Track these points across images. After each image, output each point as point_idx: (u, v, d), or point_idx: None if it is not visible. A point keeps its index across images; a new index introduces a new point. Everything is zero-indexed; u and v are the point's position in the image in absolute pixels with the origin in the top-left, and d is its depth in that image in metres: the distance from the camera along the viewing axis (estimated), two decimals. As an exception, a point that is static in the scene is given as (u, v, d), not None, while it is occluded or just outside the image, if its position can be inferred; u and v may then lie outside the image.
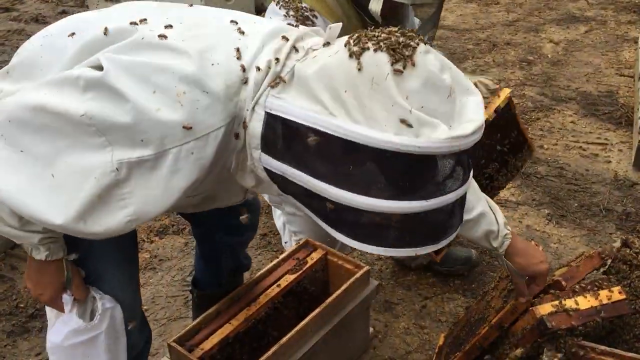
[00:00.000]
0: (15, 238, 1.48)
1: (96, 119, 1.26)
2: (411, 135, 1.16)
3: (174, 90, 1.27)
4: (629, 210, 3.30)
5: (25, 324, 2.68)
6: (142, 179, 1.29)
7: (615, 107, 4.35)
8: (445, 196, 1.24)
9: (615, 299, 1.92)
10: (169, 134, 1.26)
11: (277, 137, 1.29)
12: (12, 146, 1.33)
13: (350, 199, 1.21)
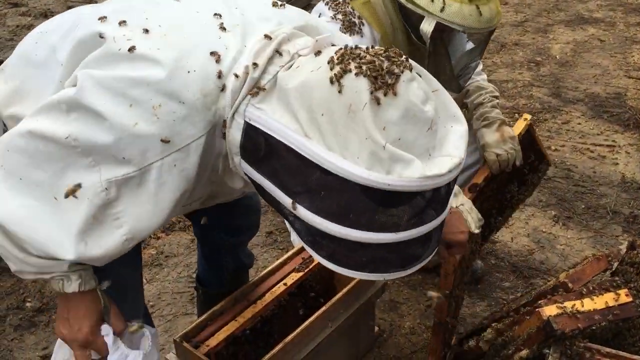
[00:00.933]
0: (44, 269, 1.40)
1: (80, 140, 1.26)
2: (382, 172, 1.13)
3: (149, 103, 1.26)
4: (636, 212, 3.29)
5: (32, 319, 2.70)
6: (132, 196, 1.29)
7: (624, 109, 4.34)
8: (417, 229, 1.21)
9: (622, 301, 1.91)
10: (149, 148, 1.26)
11: (256, 147, 1.28)
12: (12, 175, 1.33)
13: (319, 222, 1.19)
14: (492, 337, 2.12)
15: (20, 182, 1.32)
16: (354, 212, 1.17)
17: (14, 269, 1.44)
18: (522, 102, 4.50)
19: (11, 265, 1.44)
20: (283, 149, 1.21)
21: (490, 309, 2.67)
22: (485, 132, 2.44)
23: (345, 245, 1.21)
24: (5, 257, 1.44)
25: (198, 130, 1.28)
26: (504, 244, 3.09)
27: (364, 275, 1.27)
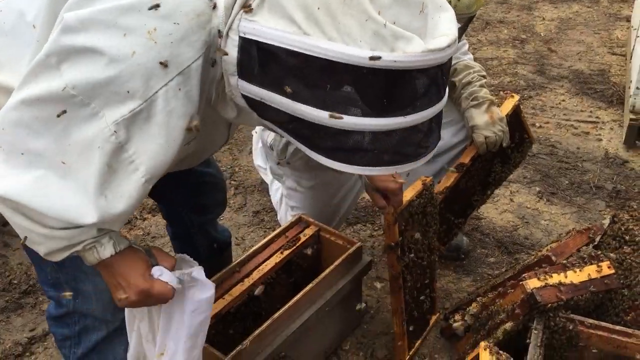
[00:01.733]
0: (73, 240, 1.36)
1: (79, 86, 1.22)
2: (387, 50, 1.14)
3: (144, 28, 1.22)
4: (619, 187, 3.33)
5: (19, 300, 2.69)
6: (142, 133, 1.26)
7: (607, 86, 4.37)
8: (422, 112, 1.23)
9: (604, 273, 1.95)
10: (151, 75, 1.22)
11: (253, 61, 1.24)
12: (12, 152, 1.29)
13: (328, 121, 1.19)
14: (477, 311, 2.15)
15: (23, 157, 1.28)
16: (364, 100, 1.17)
17: (44, 252, 1.40)
18: (507, 80, 4.52)
19: (41, 248, 1.40)
20: (284, 54, 1.19)
21: (476, 284, 2.69)
22: (475, 113, 2.45)
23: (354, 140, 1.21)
24: (32, 241, 1.39)
25: (196, 51, 1.25)
26: (489, 220, 3.12)
27: (377, 170, 1.28)
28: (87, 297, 1.75)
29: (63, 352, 1.89)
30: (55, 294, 1.78)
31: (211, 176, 2.18)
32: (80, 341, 1.84)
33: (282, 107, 1.25)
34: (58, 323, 1.84)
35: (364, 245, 2.90)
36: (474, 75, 2.49)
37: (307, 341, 2.18)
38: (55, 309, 1.82)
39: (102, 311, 1.77)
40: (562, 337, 1.90)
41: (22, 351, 2.46)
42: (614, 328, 1.88)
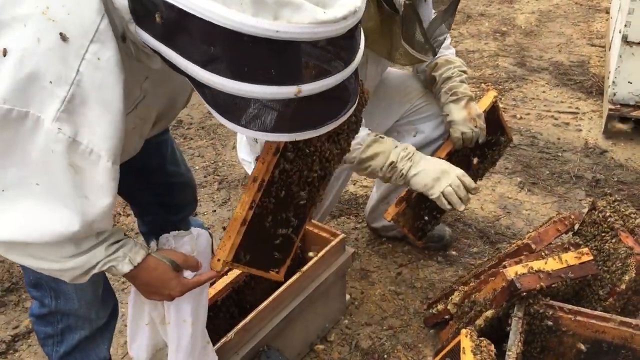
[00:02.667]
0: (86, 266, 1.39)
1: (8, 97, 1.15)
2: (269, 17, 1.02)
3: (37, 11, 1.14)
4: (599, 177, 3.38)
5: (2, 298, 2.67)
6: (85, 118, 1.19)
7: (587, 77, 4.41)
8: (319, 82, 1.10)
9: (583, 260, 1.98)
10: (65, 54, 1.15)
11: (145, 10, 1.14)
12: None
13: (217, 81, 1.09)
14: (459, 299, 2.17)
15: (2, 195, 1.25)
16: (247, 66, 1.07)
17: (69, 280, 1.43)
18: (488, 72, 4.55)
19: (63, 278, 1.43)
20: (165, 7, 1.08)
21: (459, 274, 2.72)
22: (453, 108, 2.47)
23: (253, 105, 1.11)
24: (55, 275, 1.42)
25: (97, 12, 1.17)
26: (472, 211, 3.15)
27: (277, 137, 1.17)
28: (69, 297, 1.75)
29: (46, 350, 1.88)
30: (37, 294, 1.78)
31: (180, 175, 2.17)
32: (63, 340, 1.83)
33: (177, 63, 1.15)
34: (41, 322, 1.84)
35: (348, 238, 2.92)
36: (454, 70, 2.50)
37: (292, 333, 2.20)
38: (38, 309, 1.81)
39: (85, 310, 1.78)
40: (542, 323, 1.93)
41: (5, 349, 2.45)
42: (592, 313, 1.91)
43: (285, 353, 2.09)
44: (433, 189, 2.23)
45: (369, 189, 3.33)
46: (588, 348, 1.93)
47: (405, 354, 2.39)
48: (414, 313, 2.57)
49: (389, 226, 2.84)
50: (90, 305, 1.79)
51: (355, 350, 2.41)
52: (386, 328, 2.50)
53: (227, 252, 1.60)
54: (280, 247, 1.79)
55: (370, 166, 2.25)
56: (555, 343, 1.96)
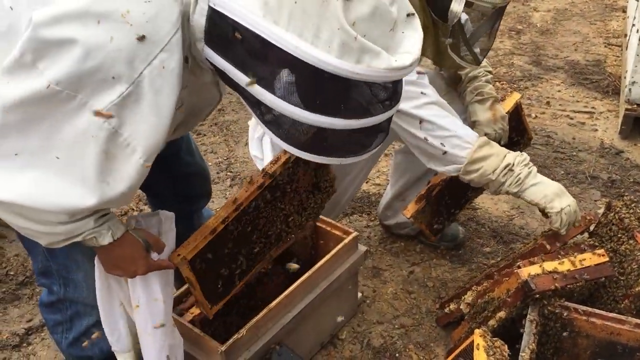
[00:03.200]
0: (73, 233, 1.43)
1: (63, 80, 1.21)
2: (352, 61, 1.17)
3: (117, 12, 1.21)
4: (614, 177, 3.34)
5: (16, 292, 2.69)
6: (133, 115, 1.26)
7: (603, 77, 4.37)
8: (378, 116, 1.27)
9: (598, 261, 1.96)
10: (133, 57, 1.22)
11: (220, 32, 1.25)
12: (6, 156, 1.30)
13: (284, 107, 1.22)
14: (472, 299, 2.16)
15: (17, 160, 1.29)
16: (321, 99, 1.21)
17: (45, 243, 1.46)
18: (503, 71, 4.52)
19: (41, 241, 1.45)
20: (249, 35, 1.19)
21: (471, 274, 2.71)
22: (478, 109, 2.46)
23: (308, 130, 1.25)
24: (32, 236, 1.44)
25: (172, 25, 1.24)
26: (485, 210, 3.13)
27: (322, 159, 1.33)
28: (78, 285, 1.78)
29: (55, 337, 1.91)
30: (46, 282, 1.80)
31: (195, 165, 2.19)
32: (72, 326, 1.86)
33: (239, 82, 1.26)
34: (50, 310, 1.86)
35: (360, 236, 2.91)
36: (481, 70, 2.49)
37: (303, 330, 2.19)
38: (47, 296, 1.84)
39: (93, 297, 1.79)
40: (556, 324, 1.92)
41: (19, 342, 2.47)
42: (608, 315, 1.89)
43: (297, 350, 2.08)
44: (553, 203, 2.09)
45: (382, 187, 3.32)
46: (603, 350, 1.91)
47: (416, 353, 2.38)
48: (426, 312, 2.55)
49: (402, 223, 2.83)
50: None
51: (366, 348, 2.40)
52: (398, 327, 2.50)
53: (189, 250, 1.72)
54: (225, 281, 1.91)
55: (481, 167, 2.12)
56: (570, 344, 1.94)
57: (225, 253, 1.84)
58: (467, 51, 2.19)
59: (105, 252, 1.56)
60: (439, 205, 2.50)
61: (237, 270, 1.93)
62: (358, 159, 1.38)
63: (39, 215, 1.36)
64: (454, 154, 2.13)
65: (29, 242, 1.70)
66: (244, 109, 4.11)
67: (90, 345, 1.89)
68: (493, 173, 2.13)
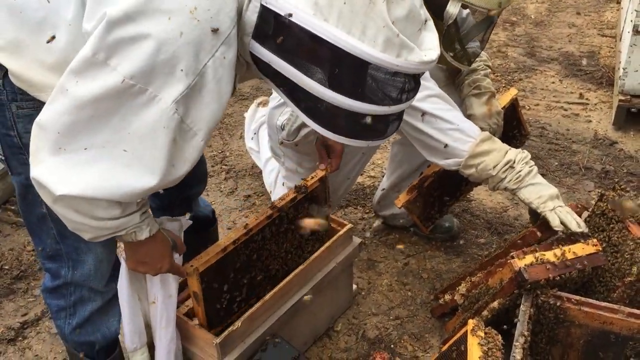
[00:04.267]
0: (120, 228, 1.54)
1: (137, 74, 1.29)
2: (393, 55, 1.33)
3: (185, 9, 1.30)
4: (608, 168, 3.36)
5: (11, 286, 2.69)
6: (198, 102, 1.37)
7: (597, 68, 4.38)
8: (403, 104, 1.44)
9: (591, 251, 1.97)
10: (199, 50, 1.32)
11: (270, 28, 1.37)
12: (74, 151, 1.37)
13: (330, 95, 1.36)
14: (466, 290, 2.17)
15: (85, 154, 1.37)
16: (363, 87, 1.36)
17: (89, 237, 1.54)
18: (498, 62, 4.52)
19: (86, 235, 1.54)
20: (299, 31, 1.32)
21: (466, 265, 2.72)
22: (475, 102, 2.46)
23: (345, 115, 1.40)
24: (78, 230, 1.53)
25: (231, 20, 1.35)
26: (479, 202, 3.14)
27: (353, 142, 1.48)
28: (87, 268, 1.81)
29: (57, 323, 1.92)
30: (53, 266, 1.81)
31: None
32: (75, 312, 1.88)
33: (285, 73, 1.38)
34: (53, 295, 1.88)
35: (355, 228, 2.92)
36: (480, 64, 2.49)
37: (298, 322, 2.20)
38: (51, 281, 1.85)
39: (99, 281, 1.85)
40: (549, 314, 1.93)
41: (14, 336, 2.47)
42: (600, 304, 1.91)
43: (292, 342, 2.09)
44: (547, 203, 2.11)
45: (377, 179, 3.32)
46: (596, 339, 1.92)
47: (411, 344, 2.39)
48: (421, 303, 2.56)
49: (397, 214, 2.84)
50: (104, 276, 1.86)
51: (362, 339, 2.41)
52: (393, 318, 2.51)
53: (201, 263, 1.86)
54: (227, 304, 2.01)
55: (482, 162, 2.14)
56: (563, 334, 1.95)
57: (231, 275, 1.98)
58: (461, 51, 2.19)
59: (137, 248, 1.66)
60: (431, 197, 2.51)
61: (239, 297, 2.04)
62: (381, 142, 1.56)
63: (94, 211, 1.45)
64: (456, 147, 2.14)
65: (36, 226, 1.76)
66: (238, 103, 4.11)
67: (92, 330, 1.90)
68: (494, 169, 2.14)
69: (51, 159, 1.37)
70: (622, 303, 1.96)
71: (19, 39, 1.48)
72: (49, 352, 2.41)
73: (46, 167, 1.38)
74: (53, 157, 1.37)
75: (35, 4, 1.46)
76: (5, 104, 1.57)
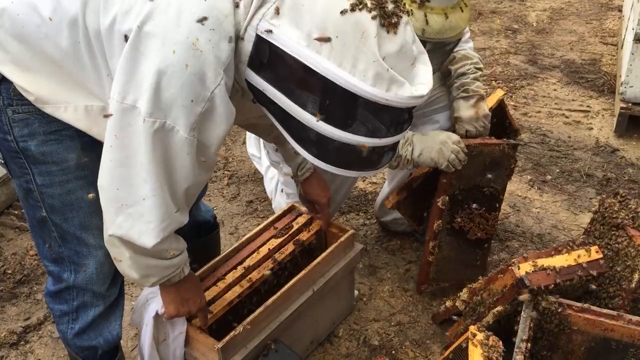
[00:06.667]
0: (178, 265, 1.70)
1: (154, 111, 1.40)
2: (383, 90, 1.38)
3: (188, 41, 1.37)
4: (609, 175, 3.36)
5: (13, 290, 2.70)
6: (210, 124, 1.47)
7: (598, 75, 4.39)
8: (394, 137, 1.49)
9: (592, 258, 1.97)
10: (205, 79, 1.40)
11: (264, 58, 1.43)
12: (134, 206, 1.52)
13: (321, 127, 1.42)
14: (468, 296, 2.17)
15: (144, 203, 1.51)
16: (353, 120, 1.41)
17: (153, 282, 1.70)
18: (499, 70, 4.53)
19: (150, 280, 1.68)
20: (292, 62, 1.38)
21: (467, 271, 2.72)
22: (462, 106, 2.47)
23: (337, 146, 1.45)
24: (149, 275, 1.67)
25: (230, 49, 1.43)
26: (481, 209, 3.14)
27: (344, 172, 1.53)
28: (89, 272, 1.83)
29: (60, 328, 1.93)
30: (55, 269, 1.82)
31: None
32: (78, 317, 1.89)
33: (278, 102, 1.45)
34: (56, 299, 1.88)
35: (357, 234, 2.93)
36: (470, 67, 2.50)
37: (300, 327, 2.21)
38: (54, 285, 1.86)
39: (101, 285, 1.86)
40: (550, 321, 1.93)
41: (17, 340, 2.48)
42: (601, 311, 1.91)
43: (294, 347, 2.09)
44: (439, 161, 2.30)
45: (378, 185, 3.33)
46: (597, 346, 1.92)
47: (413, 350, 2.39)
48: (423, 309, 2.57)
49: (398, 219, 2.85)
50: (105, 279, 1.87)
51: (363, 345, 2.42)
52: (394, 324, 2.51)
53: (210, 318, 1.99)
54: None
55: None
56: (564, 341, 1.95)
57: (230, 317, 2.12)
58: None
59: (181, 285, 1.78)
60: (420, 198, 2.54)
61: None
62: (373, 172, 1.63)
63: (164, 254, 1.62)
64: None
65: (38, 228, 1.78)
66: (241, 108, 4.11)
67: (95, 335, 1.91)
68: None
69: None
70: (624, 310, 1.96)
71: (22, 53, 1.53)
72: (51, 357, 2.41)
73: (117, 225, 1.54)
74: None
75: (37, 20, 1.50)
76: (2, 109, 1.59)
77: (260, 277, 2.14)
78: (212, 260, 2.14)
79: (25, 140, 1.62)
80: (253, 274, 2.14)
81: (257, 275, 2.14)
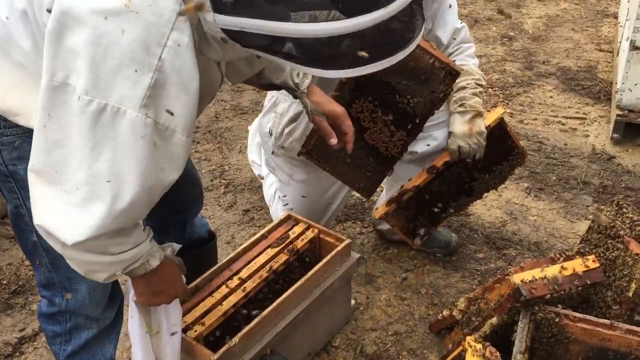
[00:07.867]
0: (134, 258, 1.50)
1: (90, 89, 1.22)
2: None
3: (120, 2, 1.21)
4: (606, 183, 3.36)
5: (9, 301, 2.69)
6: (164, 98, 1.27)
7: (594, 82, 4.40)
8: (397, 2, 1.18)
9: (590, 267, 1.97)
10: (148, 44, 1.22)
11: None
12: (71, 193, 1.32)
13: (311, 29, 1.15)
14: (465, 306, 2.17)
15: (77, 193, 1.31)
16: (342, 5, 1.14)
17: (104, 277, 1.49)
18: (495, 77, 4.54)
19: (100, 276, 1.48)
20: None
21: (464, 280, 2.72)
22: (457, 120, 2.44)
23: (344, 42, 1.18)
24: (94, 271, 1.47)
25: (175, 2, 1.23)
26: (478, 217, 3.14)
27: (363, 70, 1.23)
28: (82, 297, 1.77)
29: (53, 348, 1.90)
30: (47, 294, 1.79)
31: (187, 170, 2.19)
32: (71, 339, 1.85)
33: (262, 31, 1.19)
34: (49, 320, 1.86)
35: (353, 243, 2.92)
36: (471, 82, 2.46)
37: (296, 338, 2.19)
38: (47, 307, 1.83)
39: (94, 309, 1.80)
40: (547, 330, 1.93)
41: (11, 351, 2.46)
42: (598, 321, 1.90)
43: (290, 358, 2.08)
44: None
45: (376, 194, 3.32)
46: (594, 356, 1.91)
47: (410, 359, 2.38)
48: (419, 319, 2.56)
49: (395, 229, 2.84)
50: (99, 304, 1.82)
51: (360, 355, 2.41)
52: (391, 333, 2.50)
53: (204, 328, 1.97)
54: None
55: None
56: (561, 351, 1.95)
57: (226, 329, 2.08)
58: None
59: (150, 278, 1.59)
60: (411, 211, 2.52)
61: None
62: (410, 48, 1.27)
63: (107, 247, 1.40)
64: None
65: (31, 254, 1.73)
66: (237, 116, 4.12)
67: (87, 357, 1.89)
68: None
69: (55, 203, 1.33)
70: (621, 320, 1.96)
71: None
72: (46, 368, 2.40)
73: (51, 215, 1.35)
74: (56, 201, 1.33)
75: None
76: None
77: (255, 287, 2.12)
78: (208, 271, 2.13)
79: (14, 164, 1.56)
80: (248, 284, 2.13)
81: (252, 285, 2.12)
